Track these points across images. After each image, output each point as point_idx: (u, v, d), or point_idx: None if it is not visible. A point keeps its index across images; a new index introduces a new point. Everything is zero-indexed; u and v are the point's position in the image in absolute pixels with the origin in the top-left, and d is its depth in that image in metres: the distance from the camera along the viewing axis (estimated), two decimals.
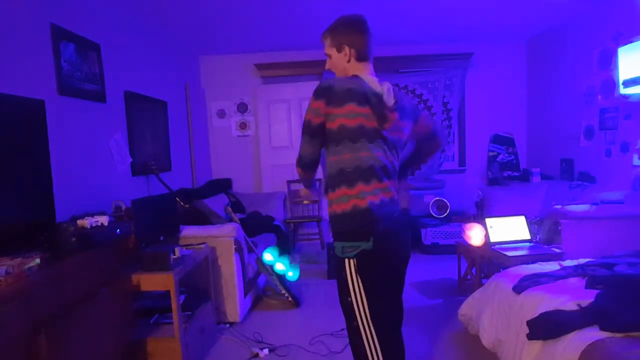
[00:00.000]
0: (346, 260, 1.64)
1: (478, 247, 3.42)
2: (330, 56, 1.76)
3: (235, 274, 3.27)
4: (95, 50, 3.20)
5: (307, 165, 1.74)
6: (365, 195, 1.60)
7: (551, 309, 2.09)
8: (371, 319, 1.64)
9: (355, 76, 1.68)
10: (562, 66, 4.93)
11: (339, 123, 1.60)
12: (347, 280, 1.65)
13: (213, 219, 3.71)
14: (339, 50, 1.72)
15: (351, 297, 1.65)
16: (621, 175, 3.98)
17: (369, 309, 1.64)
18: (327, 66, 1.79)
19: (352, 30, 1.72)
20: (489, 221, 3.43)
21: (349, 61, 1.71)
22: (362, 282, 1.63)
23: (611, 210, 3.13)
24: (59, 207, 2.32)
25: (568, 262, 2.75)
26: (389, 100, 1.66)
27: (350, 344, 1.73)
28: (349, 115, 1.59)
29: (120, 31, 3.64)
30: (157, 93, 4.25)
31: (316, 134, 1.65)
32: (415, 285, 4.01)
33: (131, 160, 3.62)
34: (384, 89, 1.68)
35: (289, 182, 5.58)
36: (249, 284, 3.58)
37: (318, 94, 1.62)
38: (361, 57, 1.72)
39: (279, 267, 3.67)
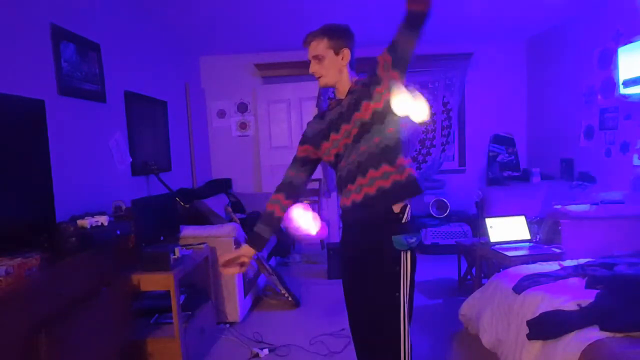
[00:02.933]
0: (402, 254, 1.62)
1: (476, 247, 3.41)
2: (322, 58, 1.72)
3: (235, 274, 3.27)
4: (95, 50, 3.20)
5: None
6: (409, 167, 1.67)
7: (551, 309, 2.09)
8: (409, 316, 1.65)
9: None
10: (562, 66, 4.93)
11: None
12: (399, 275, 1.62)
13: (213, 219, 3.71)
14: (337, 53, 1.70)
15: (399, 293, 1.62)
16: (621, 175, 3.97)
17: (408, 305, 1.65)
18: (312, 70, 1.75)
19: (349, 36, 1.73)
20: (489, 221, 3.43)
21: (345, 65, 1.71)
22: (410, 276, 1.66)
23: (611, 210, 3.13)
24: (59, 207, 2.31)
25: (568, 262, 2.75)
26: None
27: (375, 345, 1.68)
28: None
29: (120, 31, 3.64)
30: (157, 93, 4.25)
31: None
32: (415, 285, 4.00)
33: (131, 160, 3.62)
34: None
35: None
36: (249, 284, 3.58)
37: None
38: (352, 64, 1.74)
39: None
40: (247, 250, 1.76)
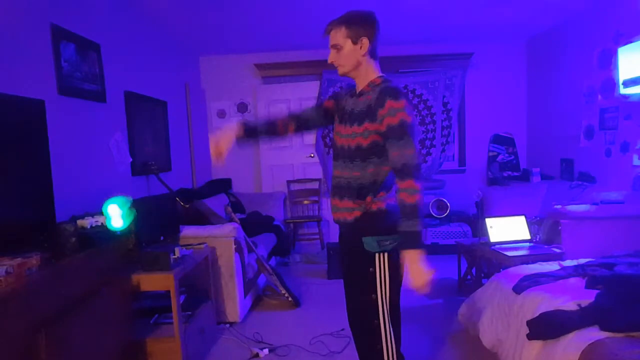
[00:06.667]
0: (377, 256, 1.63)
1: (476, 247, 3.41)
2: (340, 47, 1.65)
3: (235, 274, 3.27)
4: (95, 50, 3.20)
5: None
6: (388, 197, 1.68)
7: (551, 309, 2.09)
8: (390, 316, 1.65)
9: None
10: (562, 66, 4.92)
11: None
12: (375, 276, 1.64)
13: (213, 219, 3.71)
14: (355, 42, 1.63)
15: (376, 294, 1.64)
16: (621, 175, 3.97)
17: (389, 306, 1.65)
18: (330, 59, 1.70)
19: (370, 24, 1.65)
20: (489, 221, 3.43)
21: (364, 55, 1.65)
22: (389, 278, 1.64)
23: (611, 210, 3.12)
24: (59, 207, 2.31)
25: (568, 262, 2.75)
26: None
27: (362, 344, 1.72)
28: None
29: (120, 31, 3.64)
30: (157, 93, 4.25)
31: None
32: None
33: (131, 160, 3.62)
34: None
35: (289, 182, 5.58)
36: (249, 284, 3.58)
37: (404, 95, 1.60)
38: (374, 54, 1.68)
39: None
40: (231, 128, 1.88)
